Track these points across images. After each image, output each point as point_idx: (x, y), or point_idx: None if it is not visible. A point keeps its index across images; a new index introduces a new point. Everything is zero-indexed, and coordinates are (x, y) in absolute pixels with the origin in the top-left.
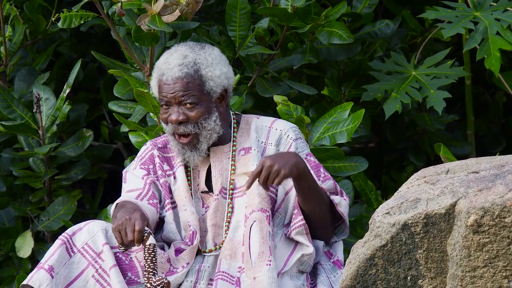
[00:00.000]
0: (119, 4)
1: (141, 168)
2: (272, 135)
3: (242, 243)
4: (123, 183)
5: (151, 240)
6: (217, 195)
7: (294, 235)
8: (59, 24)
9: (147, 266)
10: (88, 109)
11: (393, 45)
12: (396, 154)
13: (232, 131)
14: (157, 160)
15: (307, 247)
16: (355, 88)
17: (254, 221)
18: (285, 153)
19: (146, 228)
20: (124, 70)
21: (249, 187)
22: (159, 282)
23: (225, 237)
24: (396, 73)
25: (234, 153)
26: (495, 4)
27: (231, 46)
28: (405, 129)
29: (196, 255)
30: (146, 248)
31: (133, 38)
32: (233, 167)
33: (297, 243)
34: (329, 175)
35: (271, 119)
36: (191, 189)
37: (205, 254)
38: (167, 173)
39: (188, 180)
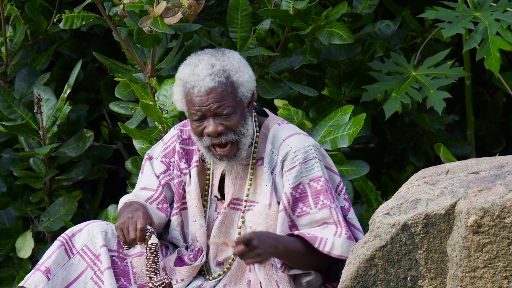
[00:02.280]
0: (121, 6)
1: (161, 161)
2: (282, 149)
3: (249, 269)
4: (140, 172)
5: (153, 239)
6: (225, 208)
7: (287, 273)
8: (61, 25)
9: (148, 266)
10: (88, 109)
11: (393, 45)
12: (396, 154)
13: (254, 137)
14: (176, 157)
15: (310, 274)
16: (355, 89)
17: None
18: (271, 236)
19: (149, 227)
20: (125, 71)
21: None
22: (160, 282)
23: (233, 258)
24: (396, 73)
25: (254, 160)
26: (495, 4)
27: (233, 47)
28: (405, 129)
29: (200, 274)
30: (148, 248)
31: (135, 40)
32: (251, 176)
33: None
34: (329, 203)
35: (290, 131)
36: (207, 190)
37: (209, 281)
38: (184, 171)
39: (206, 179)
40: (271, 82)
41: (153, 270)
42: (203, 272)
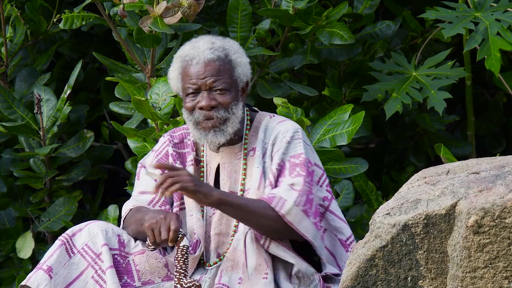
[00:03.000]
0: (121, 5)
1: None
2: (272, 134)
3: (244, 252)
4: (136, 179)
5: (185, 241)
6: None
7: (269, 250)
8: (61, 25)
9: (179, 267)
10: (88, 109)
11: (393, 45)
12: (396, 154)
13: (244, 130)
14: (170, 159)
15: (294, 266)
16: (355, 89)
17: (249, 228)
18: (209, 185)
19: (181, 229)
20: (125, 71)
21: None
22: (190, 284)
23: (230, 243)
24: (396, 73)
25: (245, 151)
26: (495, 4)
27: None
28: (406, 129)
29: (199, 266)
30: (180, 249)
31: (135, 40)
32: (244, 166)
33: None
34: (304, 174)
35: (280, 120)
36: None
37: (209, 268)
38: None
39: (201, 176)
40: (271, 82)
41: (183, 271)
42: (202, 261)
